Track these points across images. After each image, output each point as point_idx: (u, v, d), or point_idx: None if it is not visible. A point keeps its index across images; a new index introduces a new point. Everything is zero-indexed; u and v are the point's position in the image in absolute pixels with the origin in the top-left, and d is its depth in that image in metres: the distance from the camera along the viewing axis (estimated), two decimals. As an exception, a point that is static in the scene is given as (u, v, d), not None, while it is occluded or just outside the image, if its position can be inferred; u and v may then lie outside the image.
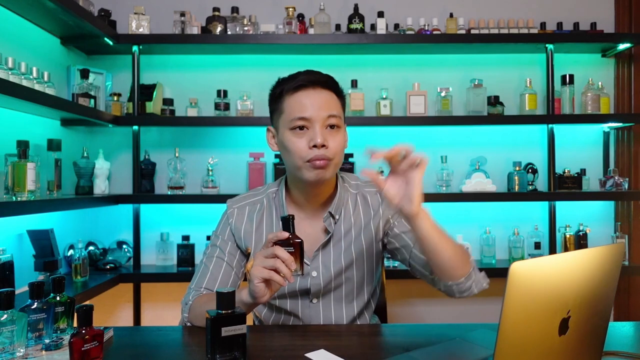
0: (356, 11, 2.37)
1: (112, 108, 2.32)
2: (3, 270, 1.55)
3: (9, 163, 1.60)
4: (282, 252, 0.99)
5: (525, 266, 0.65)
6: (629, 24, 2.50)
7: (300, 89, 1.16)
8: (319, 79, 1.17)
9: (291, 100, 1.16)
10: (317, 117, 1.14)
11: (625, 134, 2.50)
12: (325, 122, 1.14)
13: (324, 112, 1.14)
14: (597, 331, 0.81)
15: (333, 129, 1.16)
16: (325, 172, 1.15)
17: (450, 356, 0.99)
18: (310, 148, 1.13)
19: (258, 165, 2.36)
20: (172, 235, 2.39)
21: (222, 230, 1.29)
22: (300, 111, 1.14)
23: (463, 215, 2.50)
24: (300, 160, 1.14)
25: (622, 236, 2.38)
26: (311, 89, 1.16)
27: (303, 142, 1.14)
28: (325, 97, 1.16)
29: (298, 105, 1.15)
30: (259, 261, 1.00)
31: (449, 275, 1.12)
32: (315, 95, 1.15)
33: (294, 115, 1.15)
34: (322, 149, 1.13)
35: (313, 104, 1.14)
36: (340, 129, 1.18)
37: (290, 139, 1.16)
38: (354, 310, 1.27)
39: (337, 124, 1.16)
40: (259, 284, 0.99)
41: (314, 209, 1.25)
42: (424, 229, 1.06)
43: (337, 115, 1.16)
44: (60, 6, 1.76)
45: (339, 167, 1.20)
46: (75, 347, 0.85)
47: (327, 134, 1.14)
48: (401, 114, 2.46)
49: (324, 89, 1.17)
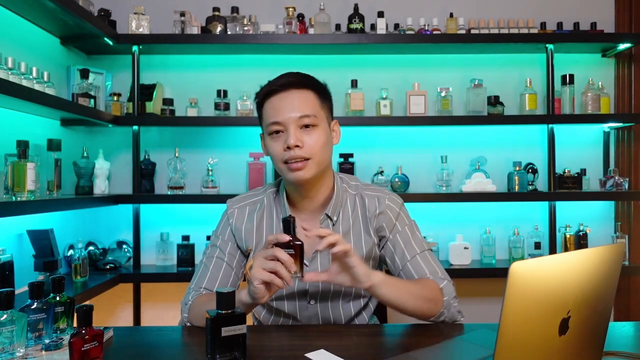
0: (356, 11, 2.37)
1: (112, 108, 2.32)
2: (3, 270, 1.55)
3: (9, 163, 1.60)
4: (282, 254, 0.98)
5: (525, 266, 0.65)
6: (629, 23, 2.50)
7: (273, 93, 1.17)
8: (292, 81, 1.17)
9: (267, 106, 1.19)
10: (289, 119, 1.15)
11: (625, 134, 2.50)
12: (299, 122, 1.15)
13: (295, 113, 1.15)
14: (597, 331, 0.81)
15: (309, 128, 1.16)
16: (304, 173, 1.15)
17: (450, 356, 0.99)
18: (285, 150, 1.14)
19: (258, 165, 2.36)
20: (172, 235, 2.39)
21: (222, 230, 1.29)
22: (273, 116, 1.16)
23: (463, 215, 2.50)
24: (279, 162, 1.17)
25: (622, 236, 2.38)
26: (283, 92, 1.17)
27: (279, 145, 1.16)
28: (298, 98, 1.16)
29: (272, 110, 1.17)
30: (259, 262, 1.00)
31: (420, 317, 1.15)
32: (287, 98, 1.16)
33: (268, 121, 1.18)
34: (296, 150, 1.14)
35: (285, 107, 1.15)
36: (318, 126, 1.17)
37: (269, 143, 1.19)
38: (351, 311, 1.27)
39: (313, 123, 1.16)
40: (259, 286, 0.99)
41: (312, 210, 1.25)
42: (382, 295, 1.10)
43: (311, 114, 1.16)
44: (60, 6, 1.76)
45: (323, 164, 1.19)
46: (75, 347, 0.85)
47: (301, 134, 1.15)
48: (401, 114, 2.46)
49: (298, 89, 1.17)
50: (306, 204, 1.24)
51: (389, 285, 1.09)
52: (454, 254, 2.34)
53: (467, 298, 2.52)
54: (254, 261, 1.02)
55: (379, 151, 2.48)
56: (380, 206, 1.25)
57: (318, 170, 1.18)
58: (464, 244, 2.34)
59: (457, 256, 2.34)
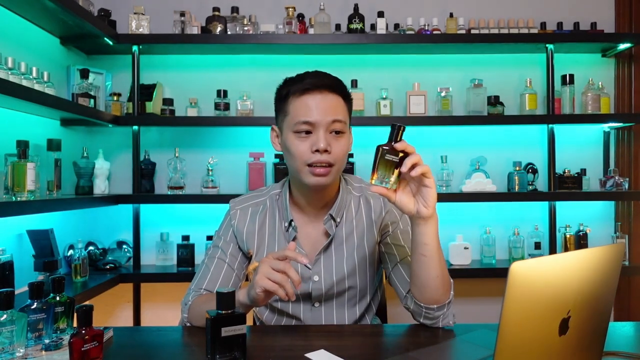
0: (356, 11, 2.37)
1: (112, 108, 2.32)
2: (3, 270, 1.55)
3: (9, 163, 1.60)
4: (292, 272, 0.97)
5: (525, 266, 0.65)
6: (629, 23, 2.50)
7: (306, 92, 1.14)
8: (326, 83, 1.15)
9: (296, 103, 1.15)
10: (322, 121, 1.12)
11: (625, 134, 2.50)
12: (329, 127, 1.13)
13: (329, 117, 1.13)
14: (597, 331, 0.81)
15: (337, 134, 1.14)
16: (326, 179, 1.14)
17: (450, 356, 0.99)
18: (313, 152, 1.12)
19: (258, 165, 2.36)
20: (172, 235, 2.39)
21: (224, 231, 1.28)
22: (305, 115, 1.13)
23: (463, 215, 2.50)
24: (302, 163, 1.14)
25: (622, 236, 2.38)
26: (317, 93, 1.14)
27: (306, 146, 1.13)
28: (331, 102, 1.14)
29: (303, 109, 1.13)
30: (265, 270, 0.98)
31: (427, 296, 1.10)
32: (321, 99, 1.13)
33: (298, 119, 1.13)
34: (324, 154, 1.12)
35: (318, 108, 1.13)
36: (345, 134, 1.16)
37: (293, 142, 1.15)
38: (356, 314, 1.26)
39: (342, 130, 1.15)
40: (261, 293, 0.99)
41: (316, 212, 1.24)
42: (429, 234, 1.05)
43: (342, 120, 1.15)
44: (60, 6, 1.76)
45: (340, 172, 1.19)
46: (75, 347, 0.85)
47: (330, 138, 1.13)
48: (401, 114, 2.46)
49: (330, 92, 1.15)
50: (312, 206, 1.24)
51: (438, 235, 1.07)
52: (454, 254, 2.34)
53: (467, 298, 2.52)
54: (259, 266, 1.01)
55: (379, 151, 2.47)
56: (386, 206, 1.25)
57: (335, 178, 1.18)
58: (464, 244, 2.34)
59: (457, 256, 2.34)
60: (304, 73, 1.19)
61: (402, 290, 1.20)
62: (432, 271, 1.07)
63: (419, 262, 1.08)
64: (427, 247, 1.06)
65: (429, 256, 1.06)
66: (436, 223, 1.06)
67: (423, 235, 1.05)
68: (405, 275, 1.19)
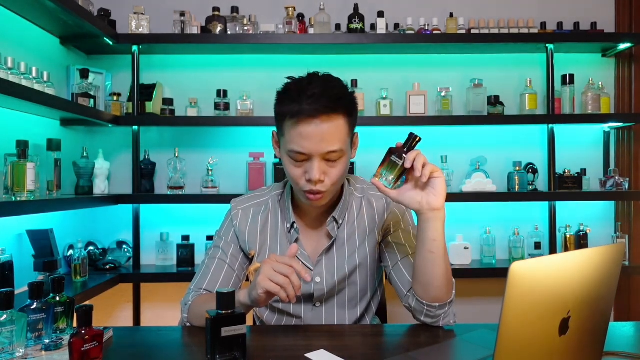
0: (356, 11, 2.37)
1: (112, 108, 2.32)
2: (3, 270, 1.55)
3: (9, 163, 1.60)
4: (295, 277, 0.97)
5: (526, 266, 0.65)
6: (630, 23, 2.50)
7: (301, 121, 1.06)
8: (323, 104, 1.05)
9: (291, 130, 1.08)
10: (316, 152, 1.07)
11: (625, 134, 2.50)
12: (324, 156, 1.09)
13: (323, 149, 1.07)
14: (598, 331, 0.81)
15: (334, 161, 1.11)
16: (320, 202, 1.14)
17: (450, 356, 0.99)
18: (307, 181, 1.11)
19: (258, 165, 2.36)
20: (172, 235, 2.39)
21: (225, 231, 1.28)
22: (299, 145, 1.07)
23: (463, 215, 2.50)
24: (296, 186, 1.14)
25: (622, 236, 2.38)
26: (312, 120, 1.05)
27: (300, 172, 1.11)
28: (327, 129, 1.06)
29: (297, 138, 1.07)
30: (268, 272, 0.98)
31: (431, 294, 1.10)
32: (316, 128, 1.06)
33: (291, 147, 1.09)
34: (318, 184, 1.10)
35: (313, 139, 1.06)
36: (342, 158, 1.11)
37: (288, 165, 1.13)
38: (356, 314, 1.26)
39: (339, 157, 1.10)
40: (262, 294, 0.99)
41: (318, 214, 1.24)
42: (438, 229, 1.06)
43: (338, 149, 1.08)
44: (60, 6, 1.76)
45: (337, 190, 1.18)
46: (75, 348, 0.85)
47: (325, 167, 1.10)
48: (401, 114, 2.46)
49: (328, 116, 1.06)
50: (313, 209, 1.23)
51: (444, 231, 1.07)
52: (454, 254, 2.34)
53: (467, 298, 2.52)
54: (262, 267, 1.01)
55: (379, 151, 2.47)
56: (389, 207, 1.26)
57: (333, 195, 1.17)
58: (464, 244, 2.34)
59: (457, 256, 2.34)
60: (305, 83, 1.09)
61: (402, 289, 1.20)
62: (438, 269, 1.08)
63: (426, 259, 1.08)
64: (436, 243, 1.06)
65: (436, 253, 1.07)
66: (444, 217, 1.07)
67: (432, 231, 1.06)
68: (406, 274, 1.19)
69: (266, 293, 0.98)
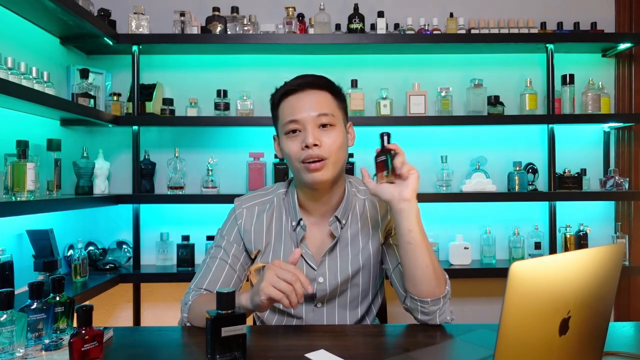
0: (356, 11, 2.37)
1: (112, 108, 2.32)
2: (3, 270, 1.55)
3: (9, 163, 1.60)
4: (298, 285, 0.98)
5: (526, 266, 0.65)
6: (630, 23, 2.50)
7: (290, 93, 1.18)
8: (309, 81, 1.18)
9: (283, 106, 1.19)
10: (307, 117, 1.14)
11: (625, 134, 2.50)
12: (316, 121, 1.15)
13: (313, 112, 1.15)
14: (598, 331, 0.81)
15: (327, 128, 1.16)
16: (323, 174, 1.14)
17: (450, 356, 0.99)
18: (303, 149, 1.13)
19: (258, 165, 2.36)
20: (172, 235, 2.39)
21: (228, 231, 1.27)
22: (290, 114, 1.16)
23: (463, 215, 2.50)
24: (296, 161, 1.15)
25: (622, 236, 2.38)
26: (300, 92, 1.17)
27: (297, 144, 1.15)
28: (315, 98, 1.16)
29: (289, 109, 1.17)
30: (271, 278, 0.99)
31: (420, 287, 1.11)
32: (305, 97, 1.16)
33: (285, 119, 1.17)
34: (315, 149, 1.13)
35: (303, 106, 1.15)
36: (336, 127, 1.17)
37: (285, 143, 1.17)
38: (357, 315, 1.26)
39: (331, 122, 1.16)
40: (265, 301, 0.99)
41: (321, 214, 1.24)
42: (411, 220, 1.09)
43: (329, 113, 1.16)
44: (60, 6, 1.76)
45: (339, 165, 1.18)
46: (75, 347, 0.85)
47: (320, 133, 1.15)
48: (401, 114, 2.46)
49: (315, 89, 1.17)
50: (317, 207, 1.24)
51: (421, 224, 1.11)
52: (454, 254, 2.34)
53: (467, 298, 2.52)
54: (265, 273, 1.01)
55: (379, 151, 2.47)
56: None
57: (335, 172, 1.17)
58: (464, 244, 2.34)
59: (457, 256, 2.34)
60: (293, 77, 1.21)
61: (401, 290, 1.20)
62: (420, 260, 1.10)
63: (406, 251, 1.11)
64: (412, 234, 1.09)
65: (414, 244, 1.09)
66: (417, 210, 1.10)
67: (406, 221, 1.09)
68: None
69: (269, 299, 0.99)
